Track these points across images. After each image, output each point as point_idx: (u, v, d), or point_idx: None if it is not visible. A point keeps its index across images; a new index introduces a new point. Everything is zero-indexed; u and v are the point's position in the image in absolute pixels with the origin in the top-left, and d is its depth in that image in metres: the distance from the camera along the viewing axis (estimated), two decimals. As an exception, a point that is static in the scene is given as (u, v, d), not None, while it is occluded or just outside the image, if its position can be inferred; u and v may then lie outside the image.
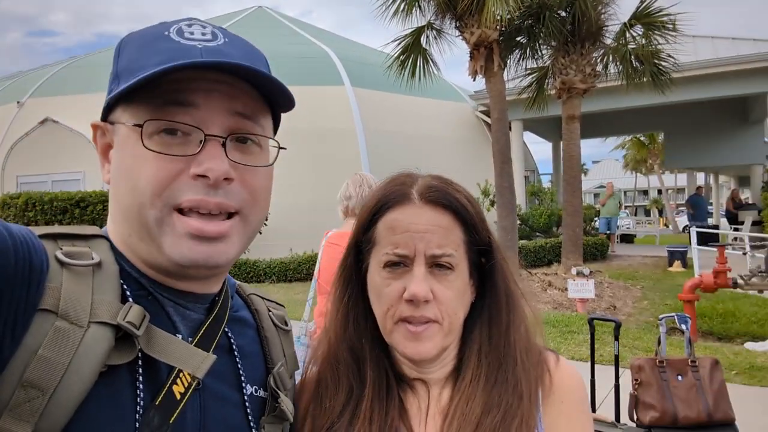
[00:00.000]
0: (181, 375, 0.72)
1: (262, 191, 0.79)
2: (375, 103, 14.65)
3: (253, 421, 0.82)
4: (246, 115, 0.76)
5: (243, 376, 0.83)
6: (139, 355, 0.70)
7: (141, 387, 0.69)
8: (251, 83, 0.75)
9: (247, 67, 0.71)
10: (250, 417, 0.81)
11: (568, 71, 10.62)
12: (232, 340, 0.84)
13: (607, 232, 15.42)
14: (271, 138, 0.82)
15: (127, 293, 0.73)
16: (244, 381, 0.83)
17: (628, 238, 20.63)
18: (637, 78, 10.94)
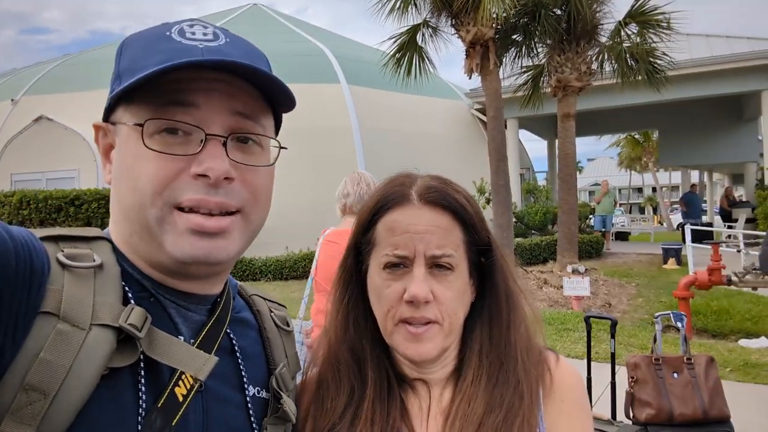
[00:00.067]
0: (183, 377, 0.72)
1: (263, 190, 0.79)
2: (371, 100, 14.63)
3: (255, 422, 0.82)
4: (247, 115, 0.75)
5: (245, 377, 0.83)
6: (141, 357, 0.69)
7: (143, 389, 0.69)
8: (252, 83, 0.75)
9: (247, 65, 0.71)
10: (252, 418, 0.81)
11: (563, 69, 10.63)
12: (234, 341, 0.84)
13: (603, 230, 15.47)
14: (272, 138, 0.81)
15: (129, 295, 0.73)
16: (247, 382, 0.83)
17: (622, 236, 20.70)
18: (632, 76, 10.96)
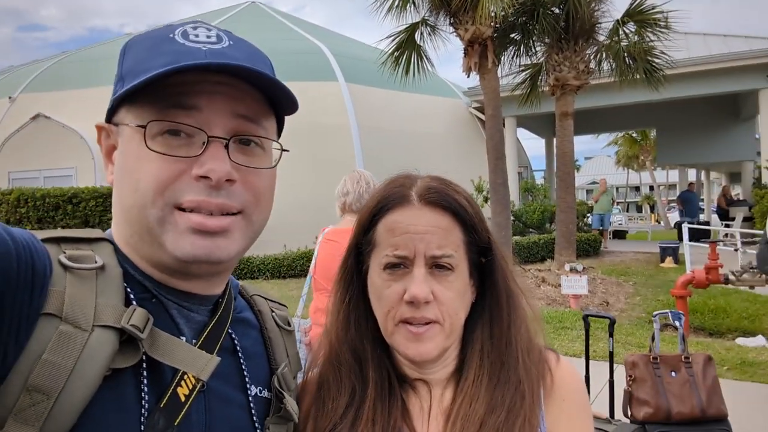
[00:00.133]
0: (185, 377, 0.72)
1: (264, 192, 0.79)
2: (369, 99, 14.62)
3: (257, 422, 0.82)
4: (249, 118, 0.76)
5: (247, 377, 0.83)
6: (144, 357, 0.70)
7: (145, 390, 0.69)
8: (255, 86, 0.75)
9: (250, 68, 0.71)
10: (254, 418, 0.82)
11: (561, 68, 10.64)
12: (235, 341, 0.84)
13: (600, 229, 15.50)
14: (274, 140, 0.82)
15: (131, 296, 0.73)
16: (249, 382, 0.83)
17: (620, 234, 20.73)
18: (630, 75, 10.98)
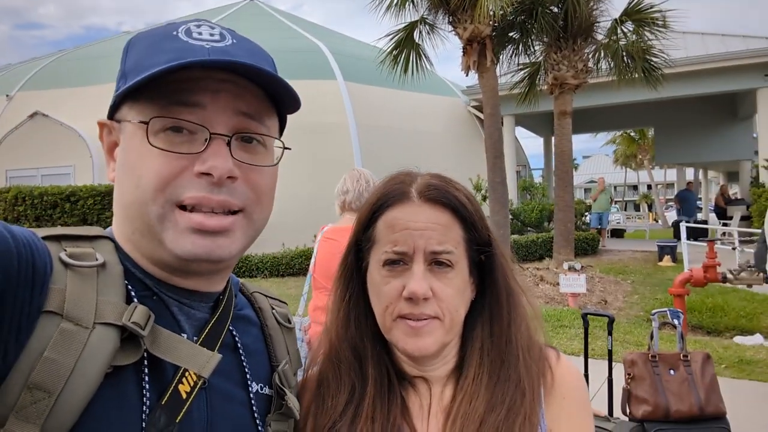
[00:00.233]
0: (186, 374, 0.72)
1: (266, 190, 0.79)
2: (367, 97, 14.62)
3: (259, 419, 0.82)
4: (251, 115, 0.76)
5: (248, 374, 0.83)
6: (145, 355, 0.69)
7: (147, 387, 0.69)
8: (257, 84, 0.75)
9: (253, 66, 0.71)
10: (256, 415, 0.82)
11: (560, 67, 10.65)
12: (236, 338, 0.84)
13: (599, 227, 15.51)
14: (276, 138, 0.82)
15: (132, 293, 0.73)
16: (250, 379, 0.83)
17: (618, 233, 20.74)
18: (628, 74, 11.00)
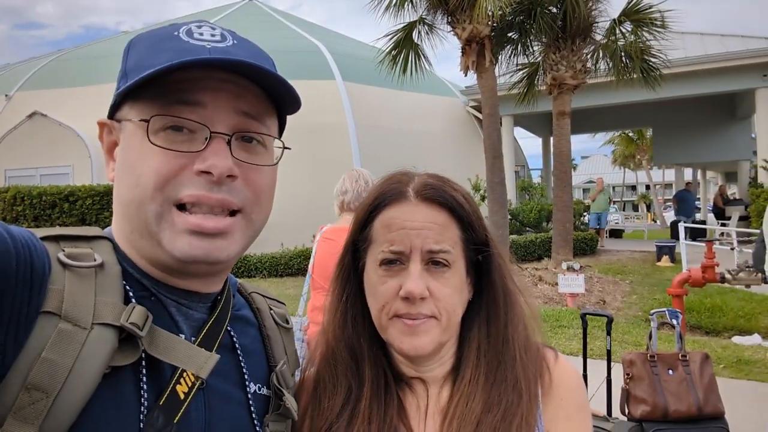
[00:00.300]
0: (184, 375, 0.72)
1: (265, 190, 0.79)
2: (366, 97, 14.62)
3: (257, 419, 0.82)
4: (252, 115, 0.76)
5: (246, 374, 0.83)
6: (143, 355, 0.69)
7: (145, 387, 0.69)
8: (258, 84, 0.76)
9: (253, 64, 0.71)
10: (254, 415, 0.82)
11: (558, 67, 10.65)
12: (234, 338, 0.84)
13: (597, 227, 15.53)
14: (276, 137, 0.82)
15: (130, 294, 0.73)
16: (248, 379, 0.83)
17: (616, 233, 20.75)
18: (627, 74, 11.00)
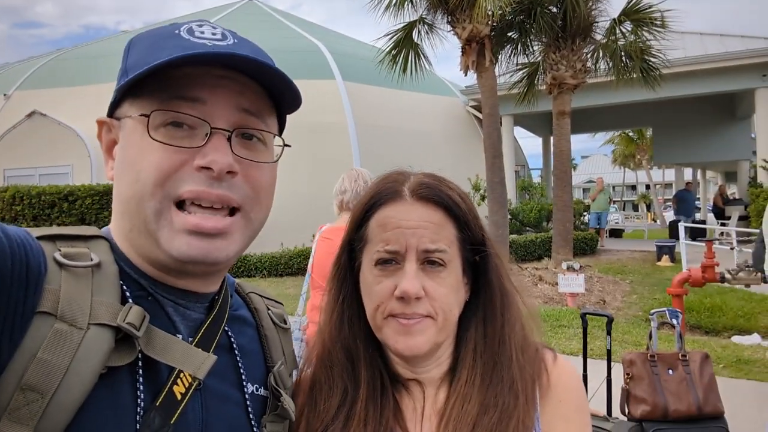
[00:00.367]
0: (181, 375, 0.72)
1: (265, 187, 0.79)
2: (366, 97, 14.61)
3: (254, 420, 0.81)
4: (252, 112, 0.76)
5: (244, 375, 0.82)
6: (140, 356, 0.69)
7: (141, 388, 0.69)
8: (259, 81, 0.75)
9: (253, 59, 0.71)
10: (251, 416, 0.81)
11: (558, 67, 10.64)
12: (232, 339, 0.84)
13: (597, 227, 15.53)
14: (276, 134, 0.81)
15: (127, 294, 0.72)
16: (245, 380, 0.82)
17: (616, 233, 20.75)
18: (627, 74, 11.00)
